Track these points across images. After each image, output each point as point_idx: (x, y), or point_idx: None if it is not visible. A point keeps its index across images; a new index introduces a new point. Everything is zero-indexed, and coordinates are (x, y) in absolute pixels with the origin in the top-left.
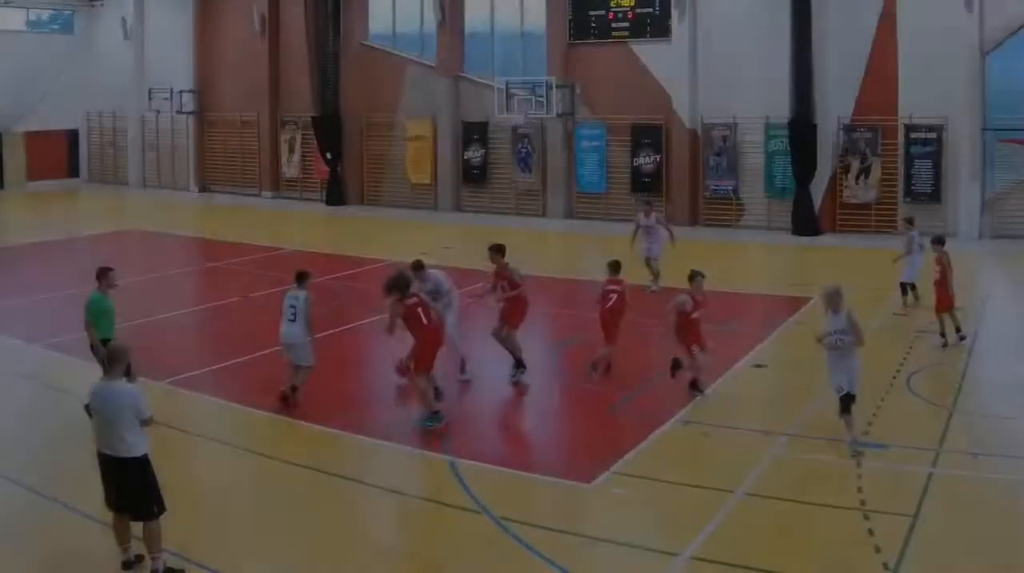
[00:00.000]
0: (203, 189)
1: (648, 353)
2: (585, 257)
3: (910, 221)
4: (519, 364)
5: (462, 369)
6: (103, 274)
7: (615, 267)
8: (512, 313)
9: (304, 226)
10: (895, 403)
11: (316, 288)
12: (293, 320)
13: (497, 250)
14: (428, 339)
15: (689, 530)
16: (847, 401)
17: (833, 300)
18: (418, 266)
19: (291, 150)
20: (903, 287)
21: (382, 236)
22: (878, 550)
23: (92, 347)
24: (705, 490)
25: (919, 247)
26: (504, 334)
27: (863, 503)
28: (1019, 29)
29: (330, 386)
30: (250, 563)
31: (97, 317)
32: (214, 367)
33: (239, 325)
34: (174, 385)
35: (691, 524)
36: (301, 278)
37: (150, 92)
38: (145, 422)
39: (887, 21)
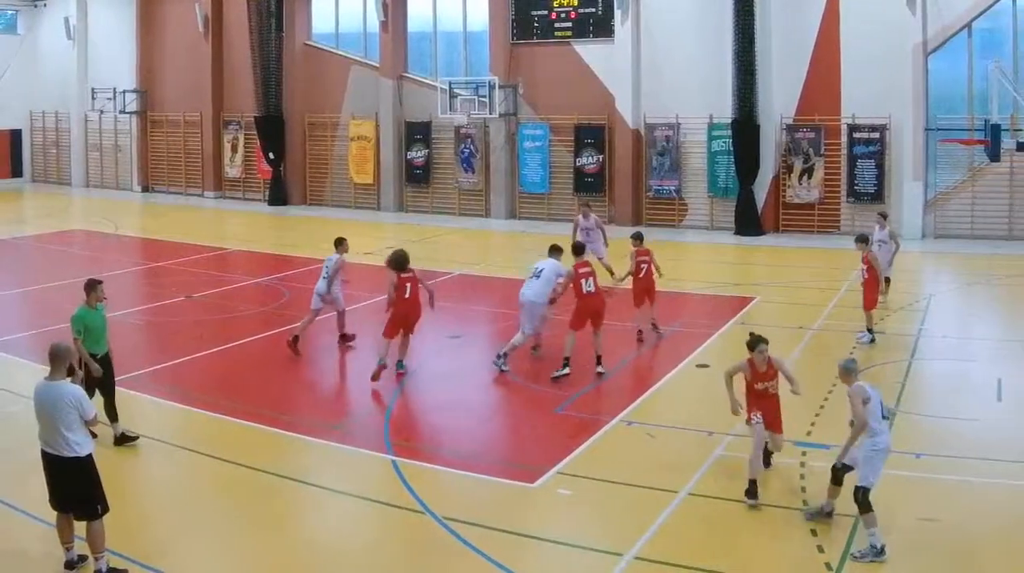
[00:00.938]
0: (146, 189)
1: (592, 354)
2: (528, 257)
3: (884, 216)
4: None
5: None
6: (90, 287)
7: (638, 238)
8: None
9: (247, 226)
10: (839, 403)
11: (260, 289)
12: (325, 278)
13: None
14: (400, 309)
15: (633, 530)
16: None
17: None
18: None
19: (234, 150)
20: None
21: (325, 236)
22: (821, 550)
23: (81, 363)
24: (649, 490)
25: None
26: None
27: (806, 503)
28: (961, 29)
29: (273, 386)
30: (194, 563)
31: (87, 332)
32: (157, 367)
33: (182, 325)
34: (117, 385)
35: (635, 524)
36: (337, 244)
37: (93, 92)
38: (89, 422)
39: (830, 21)
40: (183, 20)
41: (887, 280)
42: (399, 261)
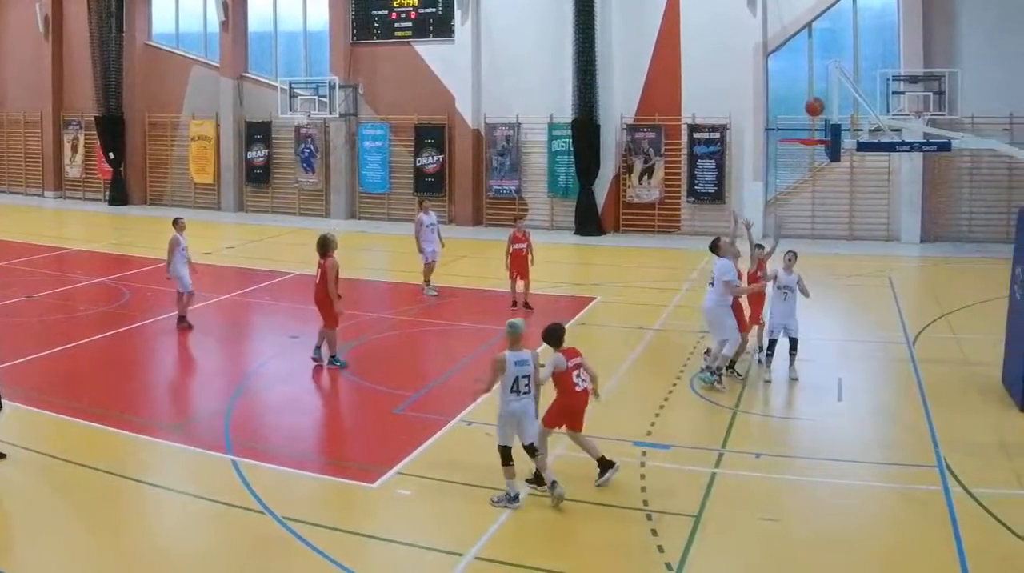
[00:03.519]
0: None
1: (432, 354)
2: (368, 257)
3: (794, 256)
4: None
5: None
6: None
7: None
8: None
9: (87, 226)
10: (679, 403)
11: (100, 288)
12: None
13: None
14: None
15: (474, 530)
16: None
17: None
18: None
19: (74, 150)
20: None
21: (164, 236)
22: (661, 550)
23: None
24: (489, 490)
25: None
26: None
27: (646, 503)
28: (801, 30)
29: (114, 386)
30: (34, 566)
31: None
32: None
33: (23, 325)
34: None
35: (476, 524)
36: (173, 223)
37: None
38: None
39: (671, 21)
40: (23, 20)
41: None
42: (322, 245)
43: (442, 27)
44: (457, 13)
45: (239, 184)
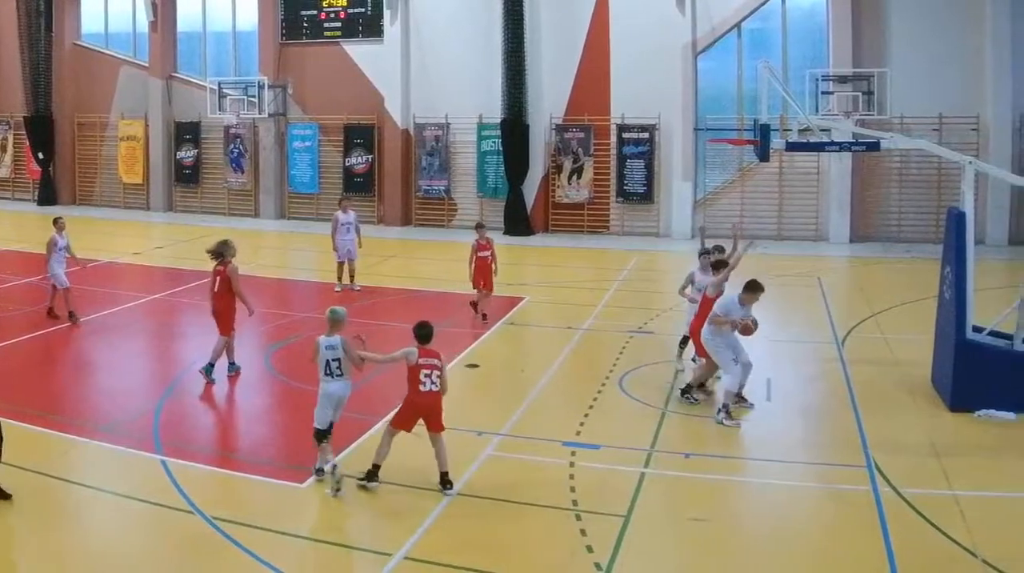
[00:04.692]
0: None
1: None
2: (298, 257)
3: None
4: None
5: None
6: None
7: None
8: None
9: (15, 226)
10: (608, 403)
11: (28, 288)
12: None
13: None
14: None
15: (403, 530)
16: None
17: None
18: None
19: (3, 150)
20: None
21: (93, 236)
22: (590, 550)
23: None
24: (419, 490)
25: None
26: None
27: (576, 503)
28: (730, 30)
29: (42, 386)
30: None
31: None
32: None
33: None
34: None
35: (405, 524)
36: (53, 223)
37: None
38: None
39: (600, 21)
40: None
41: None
42: (216, 250)
43: (371, 27)
44: (386, 13)
45: (168, 184)
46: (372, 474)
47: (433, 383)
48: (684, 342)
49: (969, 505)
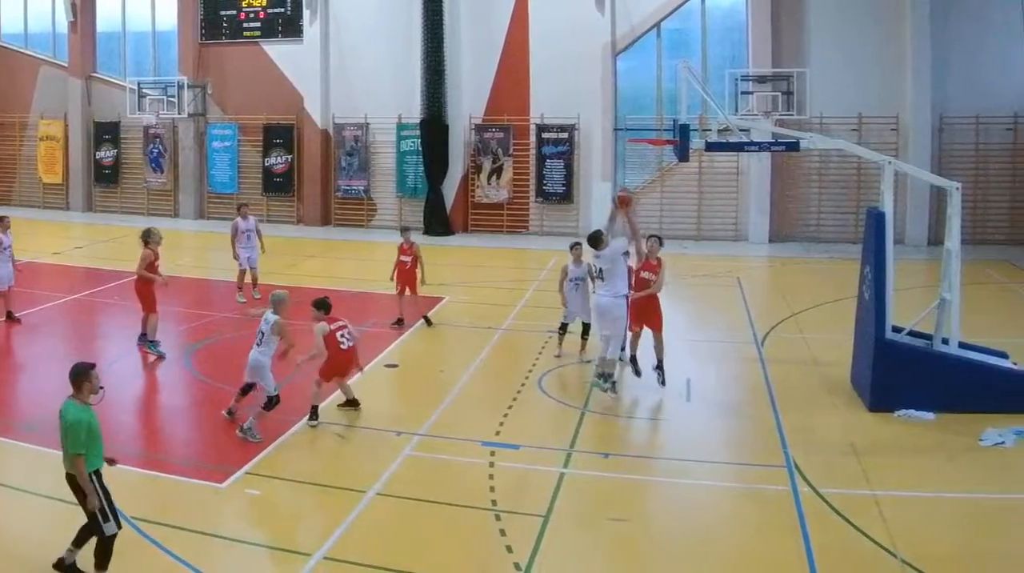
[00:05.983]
0: None
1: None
2: (217, 257)
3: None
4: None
5: None
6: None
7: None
8: None
9: None
10: (528, 403)
11: None
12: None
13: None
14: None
15: (323, 530)
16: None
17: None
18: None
19: None
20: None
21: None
22: (510, 550)
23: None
24: (338, 490)
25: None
26: None
27: (495, 503)
28: (650, 30)
29: None
30: None
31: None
32: None
33: None
34: None
35: (325, 524)
36: None
37: None
38: None
39: (519, 21)
40: None
41: (585, 328)
42: (144, 238)
43: (291, 27)
44: (306, 13)
45: (88, 184)
46: (314, 412)
47: (348, 339)
48: (586, 332)
49: (888, 505)
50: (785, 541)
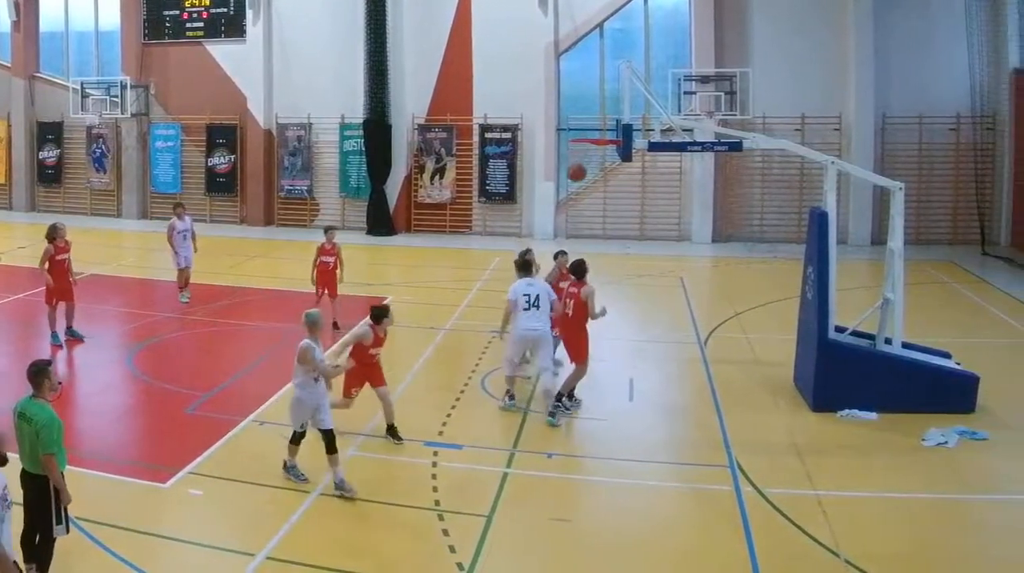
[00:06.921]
0: None
1: (224, 354)
2: (159, 257)
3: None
4: None
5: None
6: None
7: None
8: None
9: None
10: (470, 404)
11: None
12: None
13: None
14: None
15: (266, 530)
16: None
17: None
18: None
19: None
20: None
21: None
22: (453, 550)
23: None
24: (282, 490)
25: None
26: None
27: (438, 503)
28: (593, 30)
29: None
30: None
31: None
32: None
33: None
34: None
35: (268, 524)
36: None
37: None
38: None
39: (462, 21)
40: None
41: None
42: (48, 234)
43: (234, 27)
44: (249, 13)
45: (31, 184)
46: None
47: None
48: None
49: (831, 504)
50: (728, 541)
